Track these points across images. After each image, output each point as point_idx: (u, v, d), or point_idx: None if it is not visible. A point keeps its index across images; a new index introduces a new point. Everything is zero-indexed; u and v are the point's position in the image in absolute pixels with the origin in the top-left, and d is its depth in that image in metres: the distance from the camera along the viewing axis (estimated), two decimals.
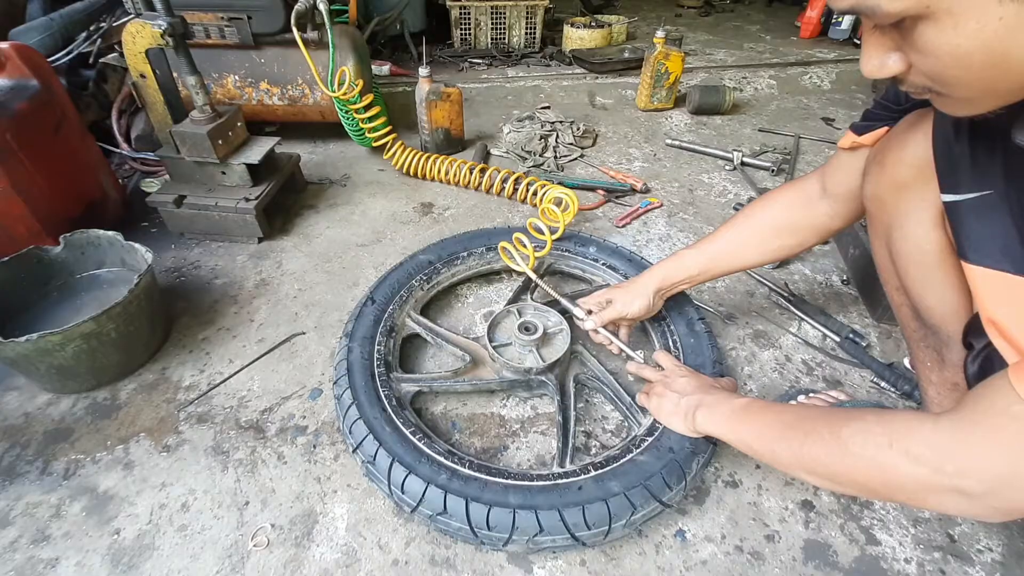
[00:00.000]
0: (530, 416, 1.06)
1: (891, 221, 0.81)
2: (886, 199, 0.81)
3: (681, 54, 2.25)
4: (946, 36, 0.44)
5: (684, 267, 1.05)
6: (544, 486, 0.83)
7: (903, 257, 0.82)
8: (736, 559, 0.85)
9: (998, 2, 0.41)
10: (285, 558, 0.84)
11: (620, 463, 0.86)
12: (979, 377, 0.75)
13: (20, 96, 1.27)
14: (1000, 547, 0.85)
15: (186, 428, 1.04)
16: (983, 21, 0.42)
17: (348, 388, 0.97)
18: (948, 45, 0.45)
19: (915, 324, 0.88)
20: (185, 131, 1.38)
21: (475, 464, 0.86)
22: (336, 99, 1.69)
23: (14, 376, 1.13)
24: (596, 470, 0.85)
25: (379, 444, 0.87)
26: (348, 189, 1.80)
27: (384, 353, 1.05)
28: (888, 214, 0.81)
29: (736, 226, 1.01)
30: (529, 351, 1.06)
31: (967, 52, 0.45)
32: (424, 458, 0.86)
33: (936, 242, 0.76)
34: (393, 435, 0.89)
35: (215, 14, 1.61)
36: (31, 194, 1.28)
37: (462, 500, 0.80)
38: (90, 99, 1.83)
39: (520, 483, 0.83)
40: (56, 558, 0.84)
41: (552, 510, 0.79)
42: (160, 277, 1.39)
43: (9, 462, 0.98)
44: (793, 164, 1.94)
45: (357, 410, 0.93)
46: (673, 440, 0.88)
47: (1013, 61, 0.44)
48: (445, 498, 0.80)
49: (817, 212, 0.93)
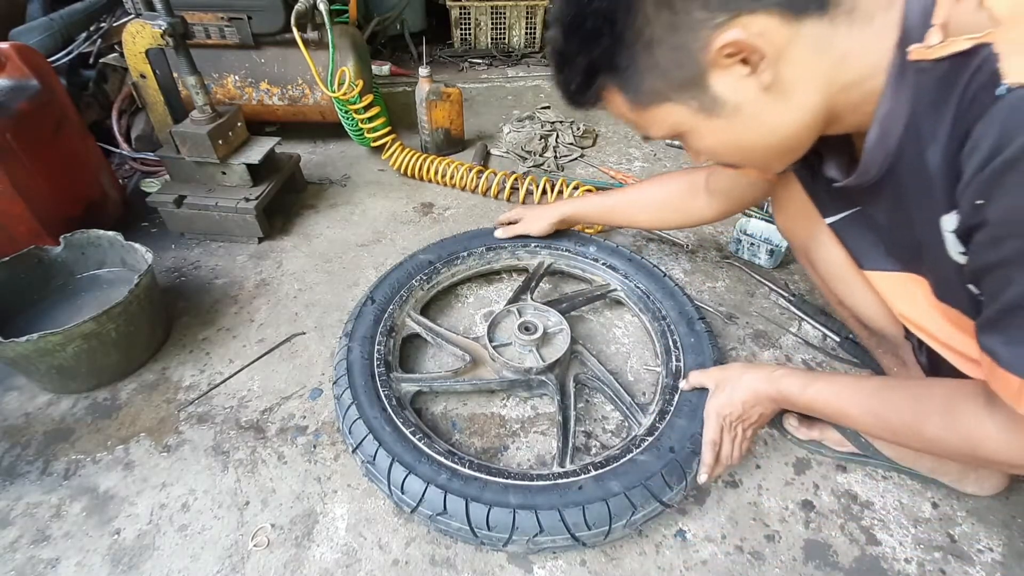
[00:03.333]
0: (530, 416, 1.06)
1: (805, 247, 0.90)
2: (793, 229, 0.91)
3: None
4: (698, 143, 0.64)
5: (588, 207, 1.28)
6: (544, 486, 0.83)
7: (826, 276, 0.89)
8: (736, 559, 0.85)
9: (707, 119, 0.59)
10: (285, 558, 0.84)
11: (620, 463, 0.86)
12: (932, 368, 0.81)
13: (20, 96, 1.27)
14: (1000, 547, 0.85)
15: (186, 428, 1.04)
16: (711, 132, 0.61)
17: (348, 388, 0.96)
18: (703, 146, 0.64)
19: (865, 333, 0.93)
20: (185, 131, 1.38)
21: (475, 464, 0.86)
22: (336, 99, 1.69)
23: (14, 376, 1.13)
24: (596, 470, 0.85)
25: (379, 444, 0.87)
26: (348, 189, 1.80)
27: (384, 353, 1.05)
28: (801, 240, 0.90)
29: (636, 191, 1.21)
30: (529, 351, 1.05)
31: (716, 148, 0.64)
32: (424, 458, 0.86)
33: (845, 257, 0.82)
34: (393, 435, 0.89)
35: (215, 14, 1.61)
36: (31, 194, 1.28)
37: (462, 500, 0.80)
38: (90, 99, 1.83)
39: (520, 483, 0.83)
40: (56, 558, 0.84)
41: (552, 510, 0.79)
42: (160, 277, 1.39)
43: (9, 462, 0.98)
44: None
45: (357, 410, 0.92)
46: (674, 440, 0.88)
47: (751, 146, 0.62)
48: (445, 498, 0.80)
49: (697, 203, 1.10)
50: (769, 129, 0.59)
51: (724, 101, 0.57)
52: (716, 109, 0.58)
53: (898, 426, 0.66)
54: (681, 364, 1.04)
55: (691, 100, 0.58)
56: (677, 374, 1.02)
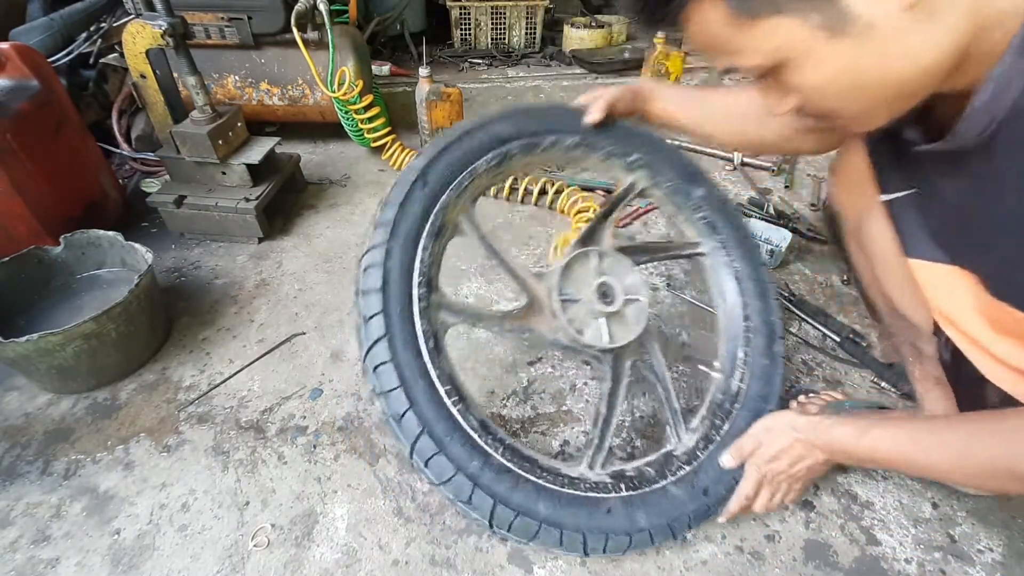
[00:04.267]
0: (530, 416, 1.06)
1: (859, 220, 0.86)
2: (850, 199, 0.86)
3: (681, 54, 2.25)
4: (800, 77, 0.54)
5: (668, 93, 1.02)
6: (575, 497, 0.77)
7: (871, 255, 0.86)
8: (736, 559, 0.84)
9: (827, 40, 0.49)
10: (285, 558, 0.84)
11: (652, 490, 0.81)
12: (955, 362, 0.79)
13: (21, 96, 1.28)
14: (1000, 547, 0.85)
15: (186, 428, 1.04)
16: (828, 58, 0.50)
17: (381, 312, 0.74)
18: (808, 81, 0.54)
19: (891, 320, 0.91)
20: (185, 131, 1.38)
21: (507, 448, 0.76)
22: (336, 99, 1.69)
23: (14, 376, 1.13)
24: (628, 489, 0.80)
25: (409, 405, 0.72)
26: (348, 189, 1.80)
27: (428, 264, 0.80)
28: (856, 212, 0.86)
29: (716, 93, 1.00)
30: (598, 320, 0.87)
31: (827, 83, 0.53)
32: (457, 433, 0.74)
33: (893, 238, 0.79)
34: (426, 393, 0.74)
35: (215, 14, 1.61)
36: (31, 194, 1.28)
37: (490, 500, 0.72)
38: (90, 99, 1.83)
39: (552, 487, 0.77)
40: (56, 558, 0.84)
41: (577, 532, 0.75)
42: (160, 277, 1.39)
43: (9, 462, 0.98)
44: (793, 164, 1.94)
45: (388, 348, 0.73)
46: (710, 479, 0.84)
47: (872, 83, 0.52)
48: (472, 492, 0.72)
49: (772, 126, 0.91)
50: (902, 58, 0.50)
51: (856, 16, 0.47)
52: (843, 27, 0.48)
53: (986, 466, 0.60)
54: (744, 387, 0.92)
55: (812, 13, 0.48)
56: (735, 397, 0.92)
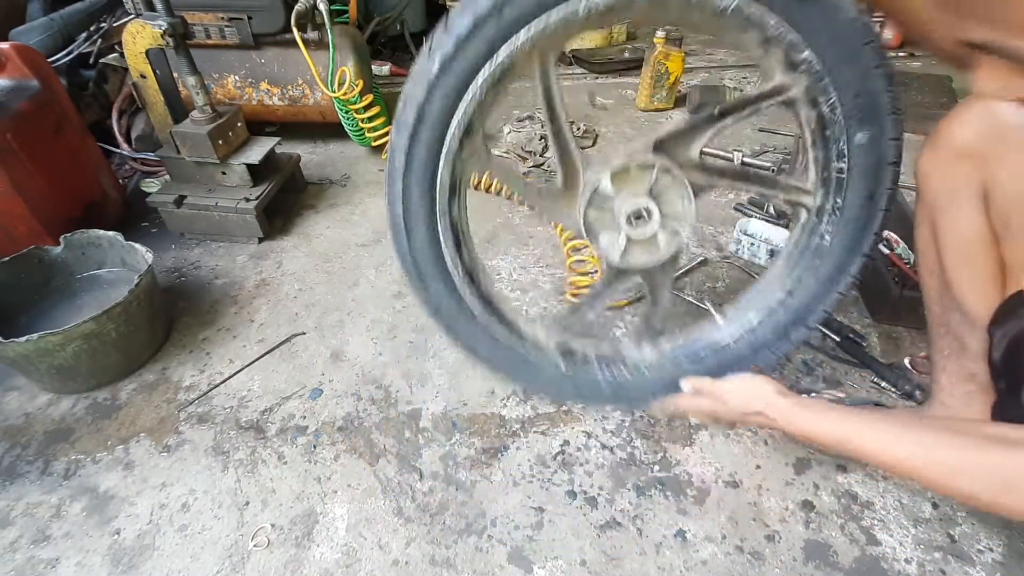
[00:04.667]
0: (530, 416, 1.06)
1: (937, 202, 0.83)
2: (933, 178, 0.83)
3: (681, 54, 2.25)
4: None
5: None
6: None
7: (945, 238, 0.84)
8: (736, 559, 0.84)
9: None
10: (285, 558, 0.84)
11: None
12: (1005, 362, 0.77)
13: (21, 96, 1.28)
14: (1000, 547, 0.85)
15: (186, 428, 1.04)
16: None
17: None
18: None
19: (939, 309, 0.89)
20: (185, 131, 1.38)
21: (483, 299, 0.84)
22: (336, 99, 1.69)
23: (14, 376, 1.13)
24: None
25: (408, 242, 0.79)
26: (348, 189, 1.80)
27: (472, 112, 0.74)
28: (934, 193, 0.83)
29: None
30: (623, 235, 0.82)
31: None
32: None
33: (979, 226, 0.78)
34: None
35: (215, 14, 1.61)
36: (31, 194, 1.28)
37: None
38: (90, 99, 1.83)
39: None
40: (56, 558, 0.84)
41: None
42: (160, 277, 1.39)
43: (9, 462, 0.98)
44: (794, 164, 1.94)
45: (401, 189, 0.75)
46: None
47: None
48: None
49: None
50: None
51: None
52: None
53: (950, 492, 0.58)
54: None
55: None
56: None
